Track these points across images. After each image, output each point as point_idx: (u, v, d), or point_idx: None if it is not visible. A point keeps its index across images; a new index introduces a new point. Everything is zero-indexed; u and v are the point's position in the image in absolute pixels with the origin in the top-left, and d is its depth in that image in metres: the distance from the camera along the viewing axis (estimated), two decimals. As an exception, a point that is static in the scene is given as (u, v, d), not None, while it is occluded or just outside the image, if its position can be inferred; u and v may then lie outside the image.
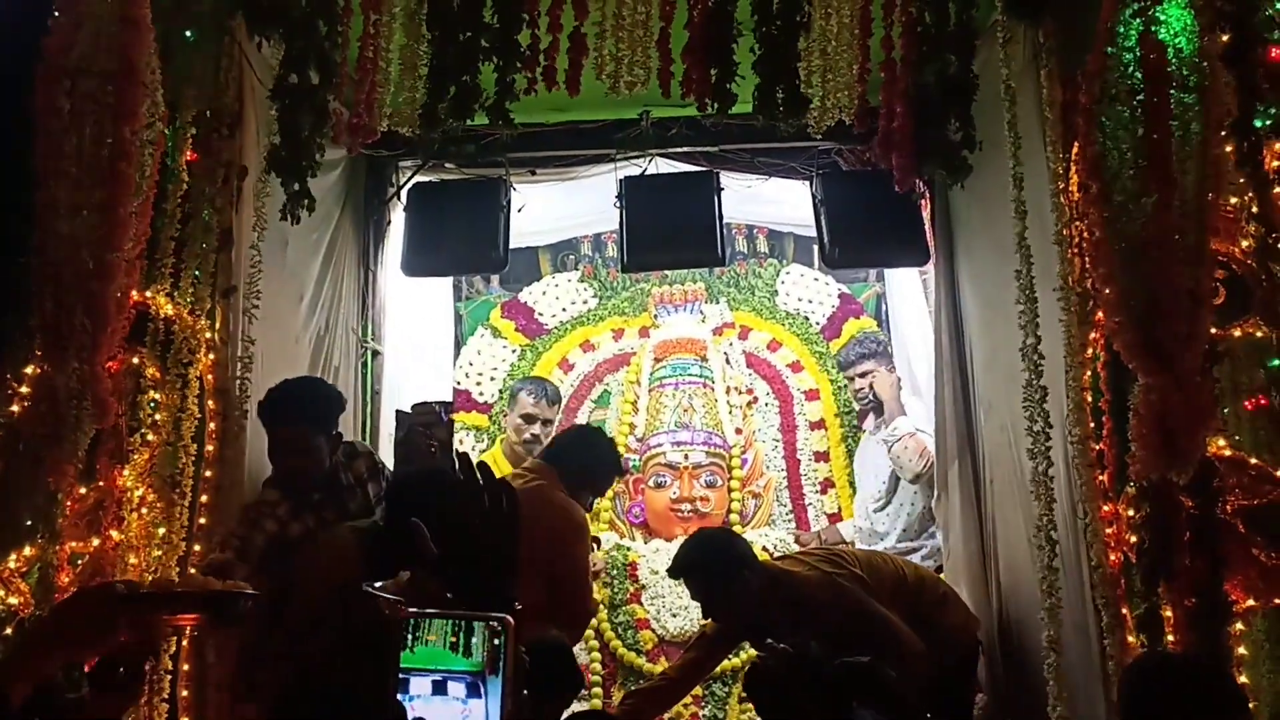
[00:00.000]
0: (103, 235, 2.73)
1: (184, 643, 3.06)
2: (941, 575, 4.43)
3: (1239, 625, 2.75)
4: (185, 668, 3.09)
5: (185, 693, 3.08)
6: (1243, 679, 2.72)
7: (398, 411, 3.90)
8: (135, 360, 3.04)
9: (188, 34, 3.25)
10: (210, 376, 3.27)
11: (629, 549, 5.03)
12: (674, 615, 4.83)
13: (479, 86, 3.34)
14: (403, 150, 4.68)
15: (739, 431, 5.39)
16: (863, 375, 5.08)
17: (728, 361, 5.57)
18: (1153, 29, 2.60)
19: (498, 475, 1.77)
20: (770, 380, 5.61)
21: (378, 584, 2.87)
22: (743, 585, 3.62)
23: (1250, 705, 2.59)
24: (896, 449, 4.82)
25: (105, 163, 2.73)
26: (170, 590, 1.98)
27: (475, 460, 1.76)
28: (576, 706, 4.45)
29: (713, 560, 3.70)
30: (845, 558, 3.85)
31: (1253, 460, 2.84)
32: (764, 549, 5.00)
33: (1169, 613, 2.76)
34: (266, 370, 3.52)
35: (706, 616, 3.81)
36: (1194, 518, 2.74)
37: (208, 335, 3.28)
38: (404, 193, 4.84)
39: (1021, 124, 3.36)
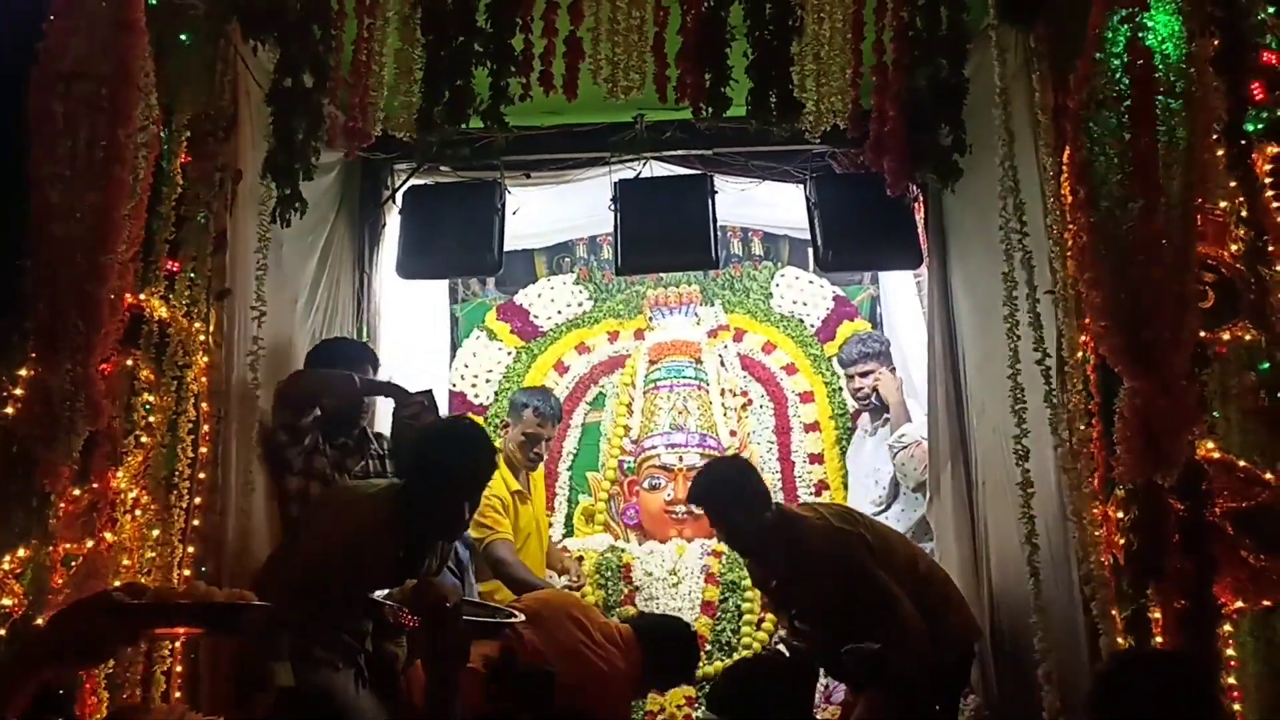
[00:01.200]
0: (97, 238, 2.74)
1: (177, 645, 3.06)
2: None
3: (1228, 627, 2.76)
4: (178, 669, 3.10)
5: (178, 694, 3.08)
6: (1231, 680, 2.74)
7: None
8: (129, 362, 3.05)
9: (182, 37, 3.26)
10: (205, 379, 3.27)
11: (623, 551, 5.04)
12: (668, 617, 4.85)
13: (474, 91, 3.35)
14: (397, 153, 4.69)
15: (733, 434, 5.42)
16: (864, 374, 5.09)
17: (722, 364, 5.59)
18: (1140, 35, 2.61)
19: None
20: (765, 382, 5.63)
21: (384, 593, 2.90)
22: (755, 516, 3.65)
23: (1232, 705, 2.62)
24: (902, 456, 4.83)
25: (100, 166, 2.73)
26: (170, 602, 1.98)
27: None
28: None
29: (727, 485, 3.74)
30: (858, 518, 3.87)
31: (1241, 463, 2.85)
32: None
33: (1158, 615, 2.77)
34: (262, 373, 3.52)
35: (721, 541, 3.93)
36: (1183, 520, 2.75)
37: (202, 338, 3.29)
38: (399, 196, 4.85)
39: (1013, 128, 3.37)
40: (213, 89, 3.36)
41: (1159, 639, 2.73)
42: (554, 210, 5.43)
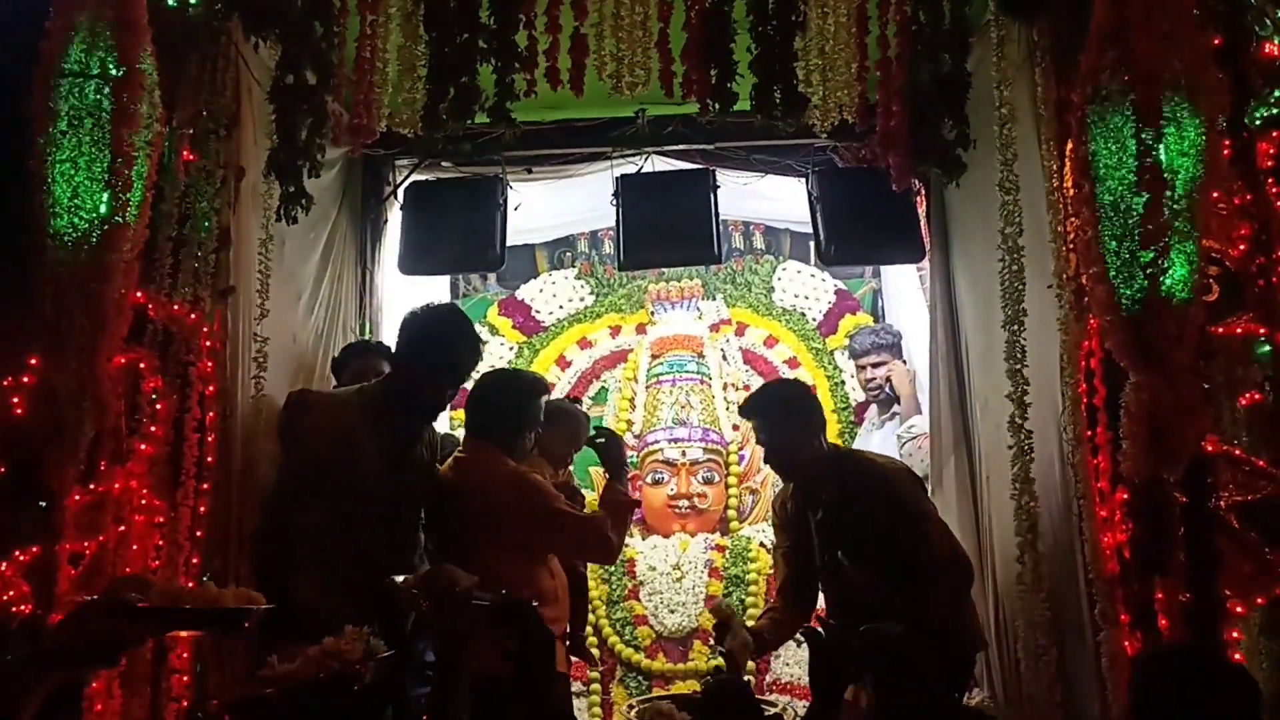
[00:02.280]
0: (101, 236, 2.75)
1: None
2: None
3: (1233, 621, 2.77)
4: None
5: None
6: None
7: None
8: (135, 361, 3.05)
9: (184, 35, 3.26)
10: (210, 376, 3.27)
11: (626, 545, 5.04)
12: (671, 611, 4.86)
13: (478, 87, 3.35)
14: (399, 149, 4.69)
15: (736, 428, 5.42)
16: (875, 365, 5.10)
17: (724, 358, 5.59)
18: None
19: None
20: (767, 376, 5.62)
21: (399, 578, 2.91)
22: (811, 438, 3.62)
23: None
24: (910, 447, 4.83)
25: (104, 165, 2.74)
26: (180, 606, 1.98)
27: None
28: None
29: (787, 402, 3.71)
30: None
31: (1247, 456, 2.86)
32: (761, 545, 5.04)
33: (1164, 609, 2.78)
34: (266, 370, 3.53)
35: (766, 462, 3.93)
36: (1188, 514, 2.76)
37: (206, 335, 3.29)
38: (401, 191, 4.85)
39: (1016, 122, 3.37)
40: (214, 86, 3.36)
41: (1164, 633, 2.73)
42: (555, 205, 5.43)
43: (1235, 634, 2.78)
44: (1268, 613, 2.84)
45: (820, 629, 3.47)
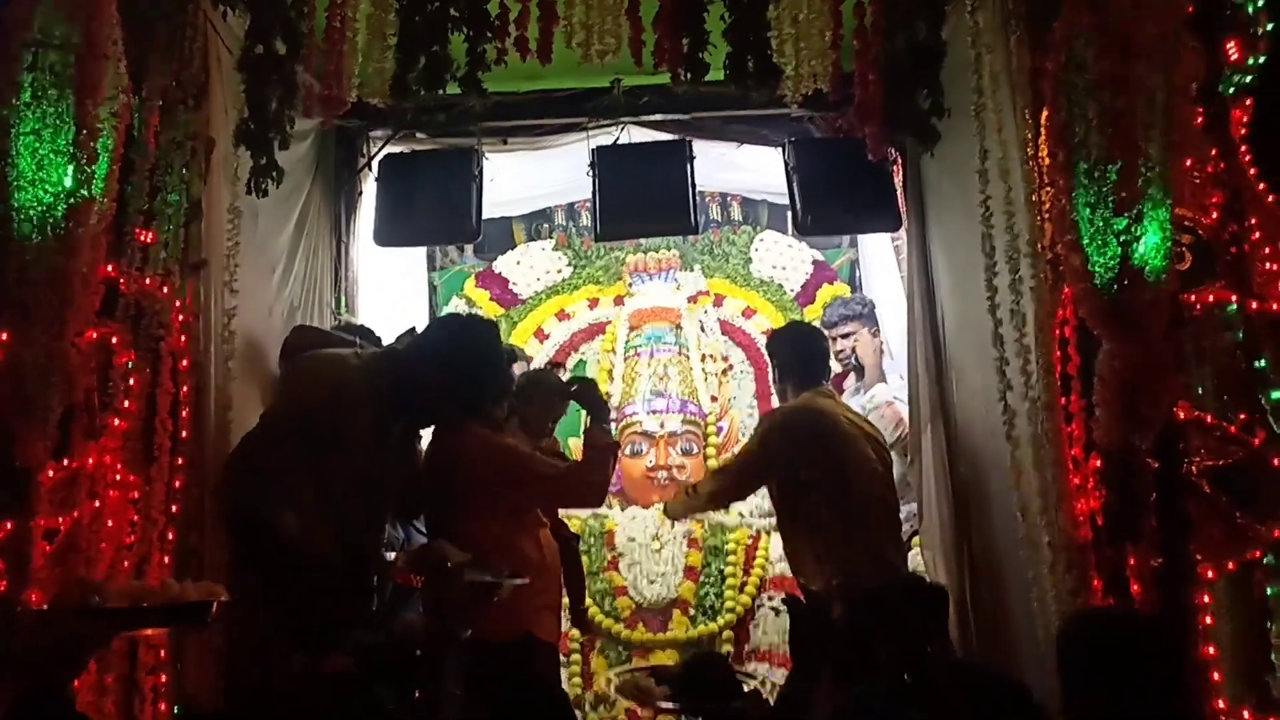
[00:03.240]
0: (67, 209, 2.71)
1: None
2: (917, 539, 4.49)
3: (1203, 584, 2.80)
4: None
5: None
6: (1208, 636, 2.78)
7: None
8: (106, 335, 3.02)
9: (151, 3, 3.21)
10: (182, 350, 3.25)
11: (606, 517, 5.06)
12: (651, 582, 4.88)
13: (449, 56, 3.31)
14: (373, 121, 4.65)
15: (714, 399, 5.42)
16: (845, 336, 5.10)
17: (702, 329, 5.59)
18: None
19: None
20: (745, 348, 5.63)
21: (392, 555, 2.92)
22: (783, 376, 4.15)
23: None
24: (873, 417, 4.85)
25: (69, 137, 2.70)
26: (139, 604, 1.96)
27: None
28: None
29: (786, 337, 4.30)
30: (819, 413, 4.14)
31: (1218, 422, 2.89)
32: (740, 514, 5.06)
33: (1135, 574, 2.81)
34: (239, 343, 3.50)
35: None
36: (1160, 479, 2.79)
37: (178, 308, 3.26)
38: (375, 163, 4.80)
39: (991, 90, 3.36)
40: (182, 57, 3.31)
41: (1136, 597, 2.76)
42: (532, 177, 5.39)
43: (1206, 598, 2.81)
44: (1235, 577, 2.88)
45: (802, 598, 3.51)
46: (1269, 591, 2.88)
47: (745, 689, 2.42)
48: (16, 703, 1.70)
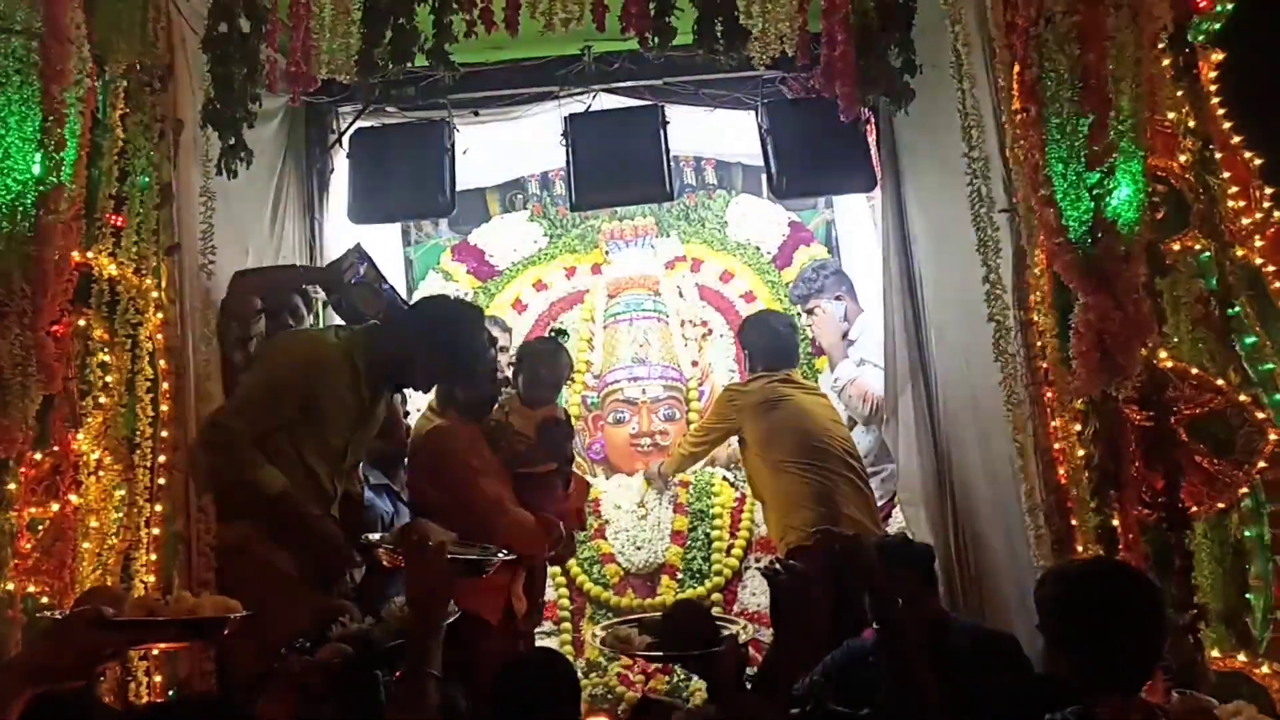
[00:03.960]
0: (36, 197, 2.68)
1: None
2: (897, 498, 4.54)
3: (1188, 531, 2.84)
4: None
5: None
6: (1193, 581, 2.83)
7: None
8: (82, 323, 3.00)
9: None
10: (160, 335, 3.22)
11: (591, 485, 5.07)
12: (638, 549, 4.90)
13: (416, 29, 3.27)
14: (342, 96, 4.60)
15: (695, 364, 5.44)
16: (809, 312, 5.13)
17: (681, 295, 5.59)
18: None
19: None
20: (724, 312, 5.64)
21: (375, 536, 2.92)
22: (751, 356, 4.58)
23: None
24: (843, 398, 4.88)
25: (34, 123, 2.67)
26: (159, 617, 1.97)
27: None
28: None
29: (755, 324, 4.67)
30: (758, 388, 4.58)
31: (1194, 370, 2.92)
32: (725, 479, 5.09)
33: (1121, 523, 2.84)
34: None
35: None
36: (1143, 429, 2.81)
37: (154, 294, 3.23)
38: (346, 139, 4.76)
39: (965, 46, 3.35)
40: (145, 37, 3.26)
41: (1121, 547, 2.80)
42: (504, 147, 5.36)
43: (1190, 545, 2.86)
44: (1215, 522, 2.92)
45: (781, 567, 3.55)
46: (1246, 534, 2.94)
47: (724, 634, 2.42)
48: (28, 708, 1.71)
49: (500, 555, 3.01)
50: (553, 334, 4.20)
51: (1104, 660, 2.09)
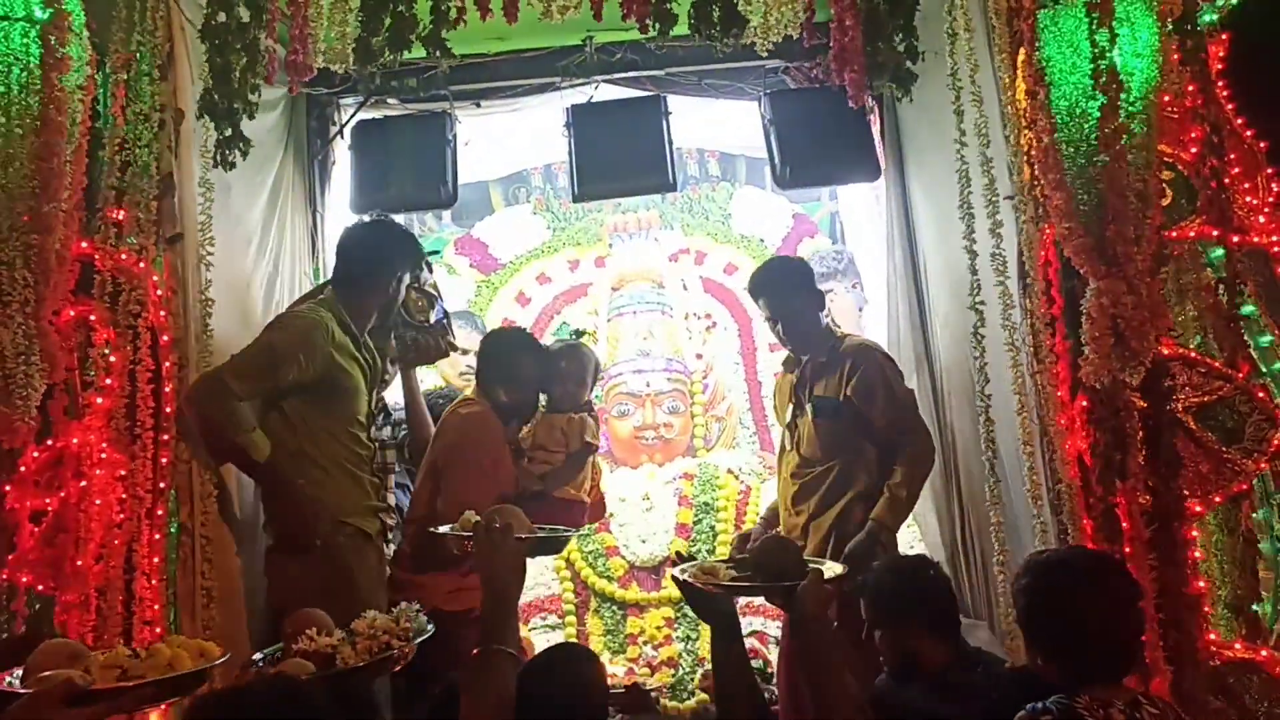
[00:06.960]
0: (38, 187, 2.67)
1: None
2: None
3: (1190, 520, 2.82)
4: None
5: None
6: (1197, 570, 2.80)
7: None
8: (84, 313, 2.99)
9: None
10: (162, 325, 3.21)
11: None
12: (643, 541, 4.88)
13: (414, 17, 3.25)
14: (344, 87, 4.58)
15: (699, 357, 5.43)
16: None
17: (685, 287, 5.57)
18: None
19: None
20: (728, 304, 5.62)
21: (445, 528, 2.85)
22: (815, 311, 3.78)
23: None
24: None
25: (35, 112, 2.66)
26: (133, 684, 1.86)
27: None
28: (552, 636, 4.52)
29: (796, 273, 3.87)
30: None
31: (1201, 357, 2.90)
32: (729, 471, 5.07)
33: (1124, 512, 2.82)
34: (218, 316, 3.47)
35: (783, 338, 3.87)
36: (1147, 417, 2.79)
37: (156, 284, 3.22)
38: (347, 131, 4.74)
39: (968, 32, 3.33)
40: (145, 27, 3.25)
41: (1126, 536, 2.77)
42: (507, 139, 5.34)
43: (1193, 532, 2.83)
44: (1224, 512, 2.90)
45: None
46: (1255, 515, 2.92)
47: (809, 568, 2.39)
48: None
49: (570, 533, 3.01)
50: (573, 335, 4.16)
51: (1080, 651, 2.09)
